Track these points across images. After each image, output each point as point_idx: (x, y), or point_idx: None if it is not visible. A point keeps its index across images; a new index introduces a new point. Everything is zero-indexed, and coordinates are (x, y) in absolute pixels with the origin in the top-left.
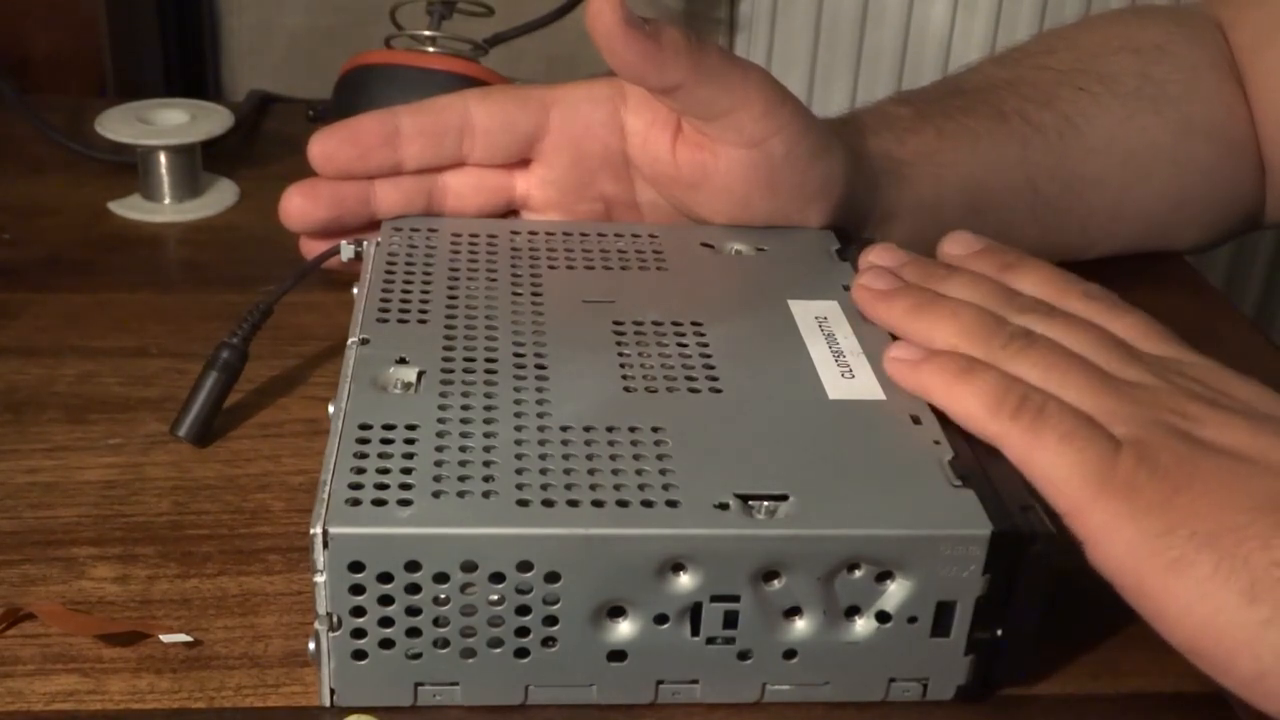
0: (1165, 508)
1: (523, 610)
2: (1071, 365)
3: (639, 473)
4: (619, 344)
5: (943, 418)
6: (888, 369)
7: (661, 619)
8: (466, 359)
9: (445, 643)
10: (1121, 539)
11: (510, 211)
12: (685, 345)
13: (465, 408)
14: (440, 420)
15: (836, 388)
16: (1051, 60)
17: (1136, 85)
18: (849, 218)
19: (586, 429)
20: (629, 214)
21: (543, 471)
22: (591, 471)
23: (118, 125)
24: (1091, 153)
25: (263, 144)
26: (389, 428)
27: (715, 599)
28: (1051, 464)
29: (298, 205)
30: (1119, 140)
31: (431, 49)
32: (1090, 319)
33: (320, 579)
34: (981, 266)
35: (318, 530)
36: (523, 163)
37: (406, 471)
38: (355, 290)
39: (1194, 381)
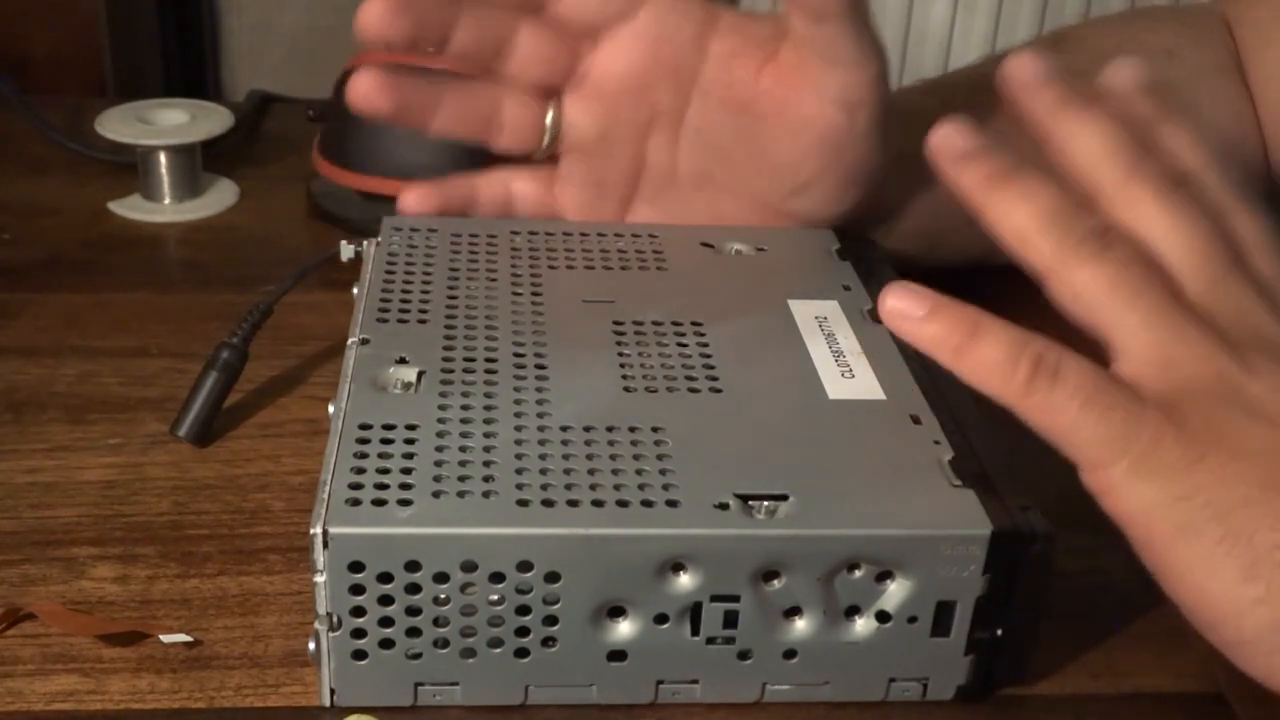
0: (1186, 473)
1: (523, 610)
2: (1145, 284)
3: (639, 473)
4: (619, 344)
5: (942, 418)
6: (886, 320)
7: (661, 619)
8: (466, 359)
9: (445, 643)
10: (1137, 495)
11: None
12: (685, 345)
13: (465, 408)
14: (440, 420)
15: (836, 388)
16: (1068, 60)
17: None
18: (864, 211)
19: (586, 429)
20: (668, 134)
21: (543, 471)
22: (591, 471)
23: (118, 125)
24: None
25: (263, 144)
26: (389, 428)
27: (715, 599)
28: (1072, 428)
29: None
30: None
31: (431, 49)
32: (1216, 207)
33: (320, 579)
34: (1130, 110)
35: (318, 530)
36: (593, 44)
37: (406, 471)
38: (355, 290)
39: (1274, 319)
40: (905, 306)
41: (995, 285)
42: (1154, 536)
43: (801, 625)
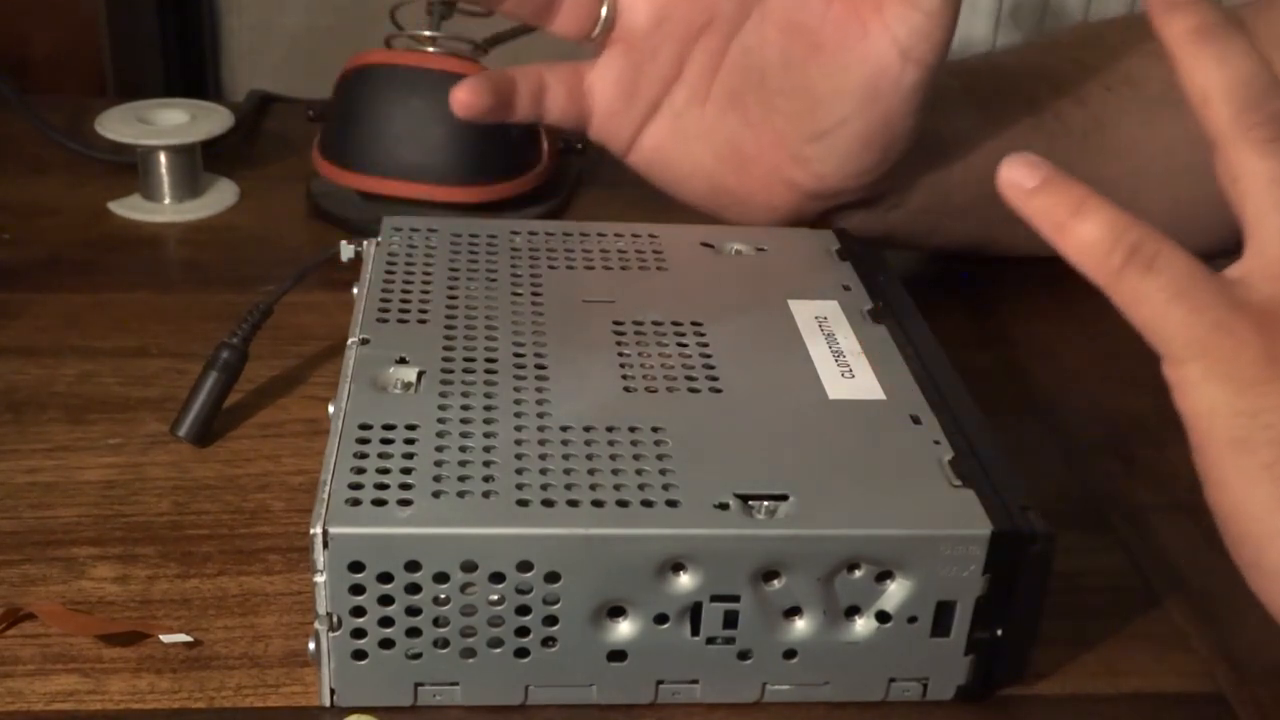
0: (1259, 390)
1: (523, 610)
2: None
3: (639, 473)
4: (619, 344)
5: (942, 418)
6: (999, 183)
7: (661, 619)
8: (466, 359)
9: (445, 643)
10: (1204, 398)
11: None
12: (685, 345)
13: (465, 408)
14: (440, 420)
15: (836, 388)
16: (1085, 55)
17: (1161, 90)
18: (872, 189)
19: (586, 429)
20: (716, 44)
21: (543, 471)
22: (591, 471)
23: (118, 125)
24: (1111, 156)
25: (263, 144)
26: (389, 428)
27: (715, 599)
28: (1157, 320)
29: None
30: (1139, 145)
31: (431, 49)
32: None
33: (320, 579)
34: None
35: (318, 530)
36: None
37: (406, 471)
38: (355, 290)
39: None
40: (1018, 176)
41: (990, 276)
42: (1209, 442)
43: (801, 625)
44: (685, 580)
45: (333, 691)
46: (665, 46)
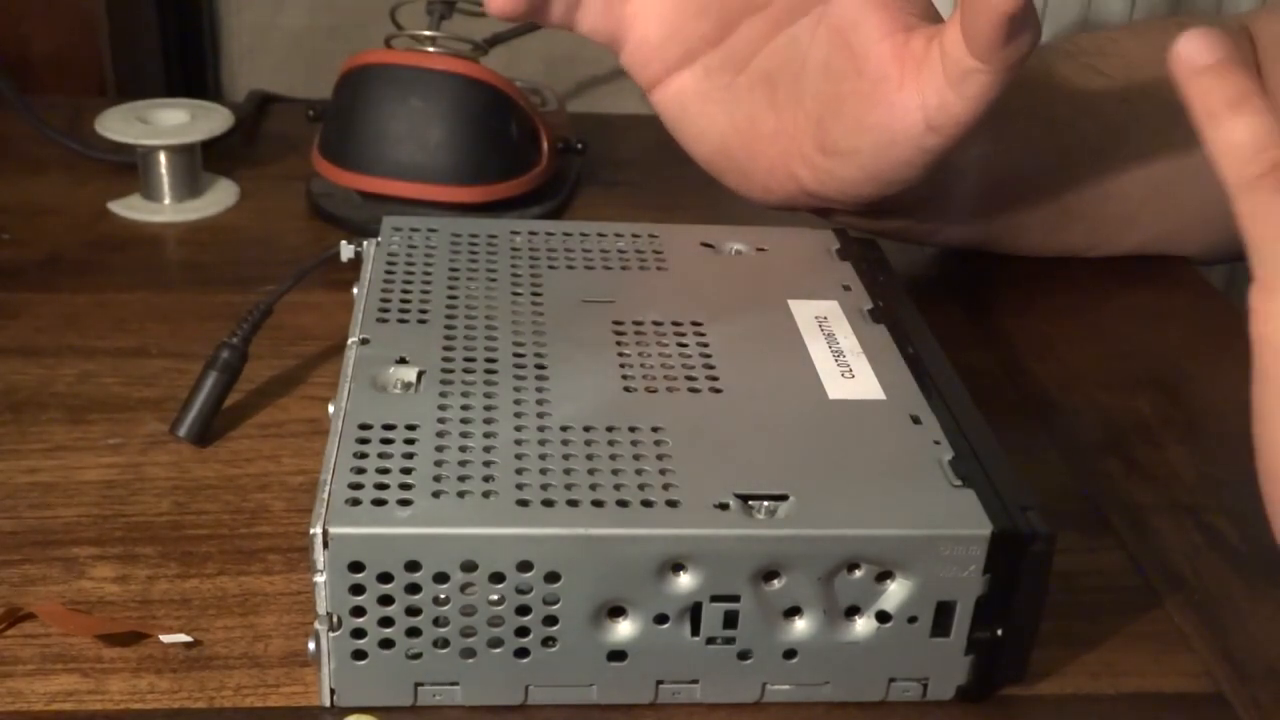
0: None
1: (523, 610)
2: None
3: (639, 473)
4: (619, 344)
5: (942, 418)
6: (1171, 59)
7: (661, 619)
8: (466, 359)
9: (445, 643)
10: (1277, 326)
11: None
12: (685, 345)
13: (465, 408)
14: (440, 420)
15: (836, 388)
16: (1102, 64)
17: (1175, 99)
18: (879, 205)
19: (586, 429)
20: (766, 25)
21: (543, 471)
22: (591, 471)
23: (118, 125)
24: (1124, 168)
25: (263, 144)
26: (389, 428)
27: (715, 599)
28: (1265, 241)
29: None
30: (1151, 157)
31: (431, 49)
32: None
33: (320, 579)
34: None
35: (318, 530)
36: None
37: (406, 471)
38: (355, 290)
39: None
40: (1193, 51)
41: (989, 276)
42: (1273, 369)
43: (801, 625)
44: (685, 580)
45: (333, 691)
46: (715, 9)
